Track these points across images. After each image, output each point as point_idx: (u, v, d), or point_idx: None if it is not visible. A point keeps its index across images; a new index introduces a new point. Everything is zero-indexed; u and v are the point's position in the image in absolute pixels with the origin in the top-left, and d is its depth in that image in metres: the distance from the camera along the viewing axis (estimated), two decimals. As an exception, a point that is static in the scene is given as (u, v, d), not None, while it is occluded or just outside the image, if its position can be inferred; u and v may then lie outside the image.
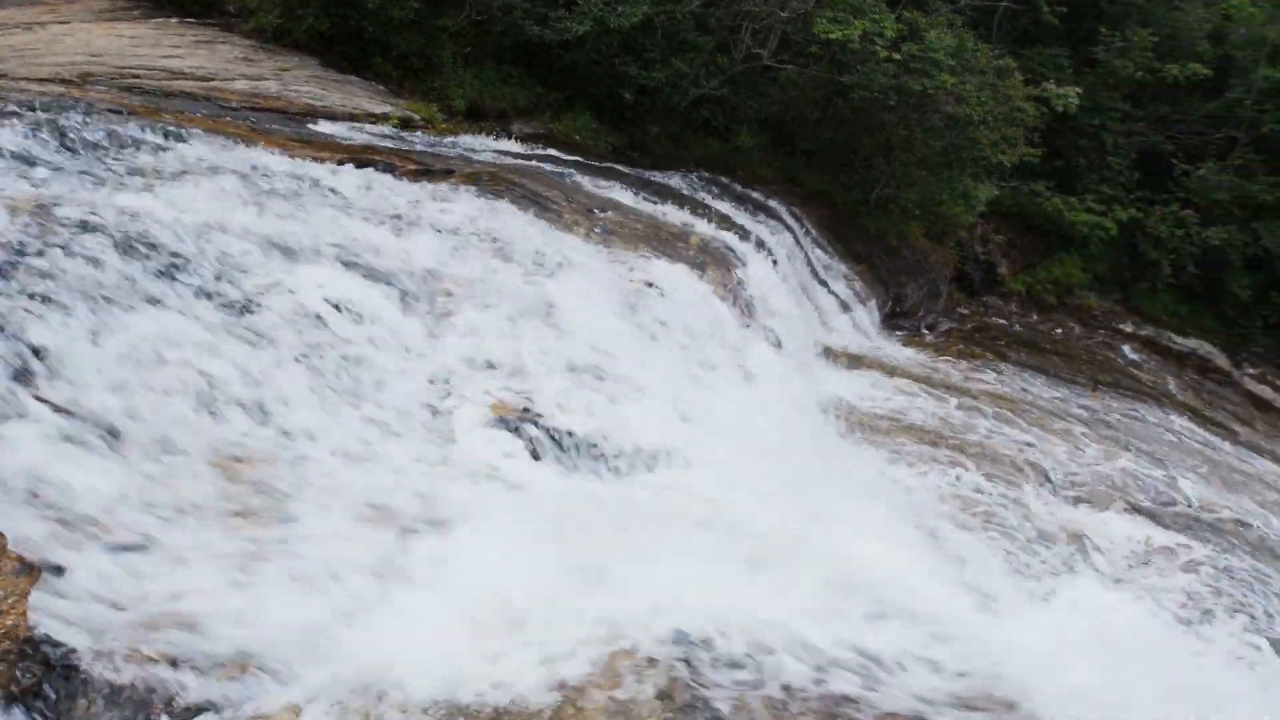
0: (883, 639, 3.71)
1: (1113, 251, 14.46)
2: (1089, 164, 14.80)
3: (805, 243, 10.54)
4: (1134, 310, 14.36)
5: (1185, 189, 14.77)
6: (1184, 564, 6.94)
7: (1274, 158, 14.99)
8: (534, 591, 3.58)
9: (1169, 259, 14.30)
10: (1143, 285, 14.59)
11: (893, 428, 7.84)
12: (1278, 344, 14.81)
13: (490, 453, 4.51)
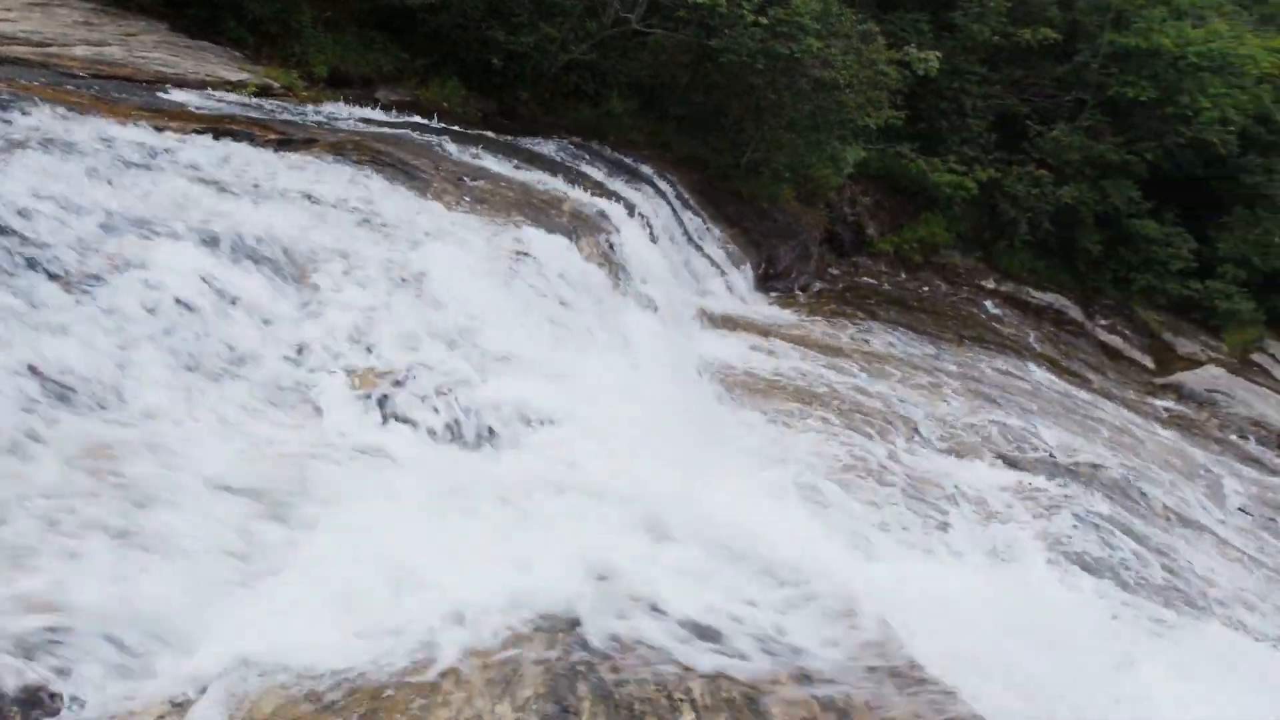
0: (763, 596, 3.78)
1: (974, 211, 14.97)
2: (950, 126, 15.25)
3: (678, 207, 10.59)
4: (995, 267, 14.91)
5: (1040, 150, 15.36)
6: (1046, 507, 7.27)
7: (1119, 120, 15.73)
8: (412, 565, 3.53)
9: (1026, 217, 14.88)
10: (1002, 243, 15.16)
11: (770, 388, 7.97)
12: (1125, 296, 15.61)
13: (361, 427, 4.40)
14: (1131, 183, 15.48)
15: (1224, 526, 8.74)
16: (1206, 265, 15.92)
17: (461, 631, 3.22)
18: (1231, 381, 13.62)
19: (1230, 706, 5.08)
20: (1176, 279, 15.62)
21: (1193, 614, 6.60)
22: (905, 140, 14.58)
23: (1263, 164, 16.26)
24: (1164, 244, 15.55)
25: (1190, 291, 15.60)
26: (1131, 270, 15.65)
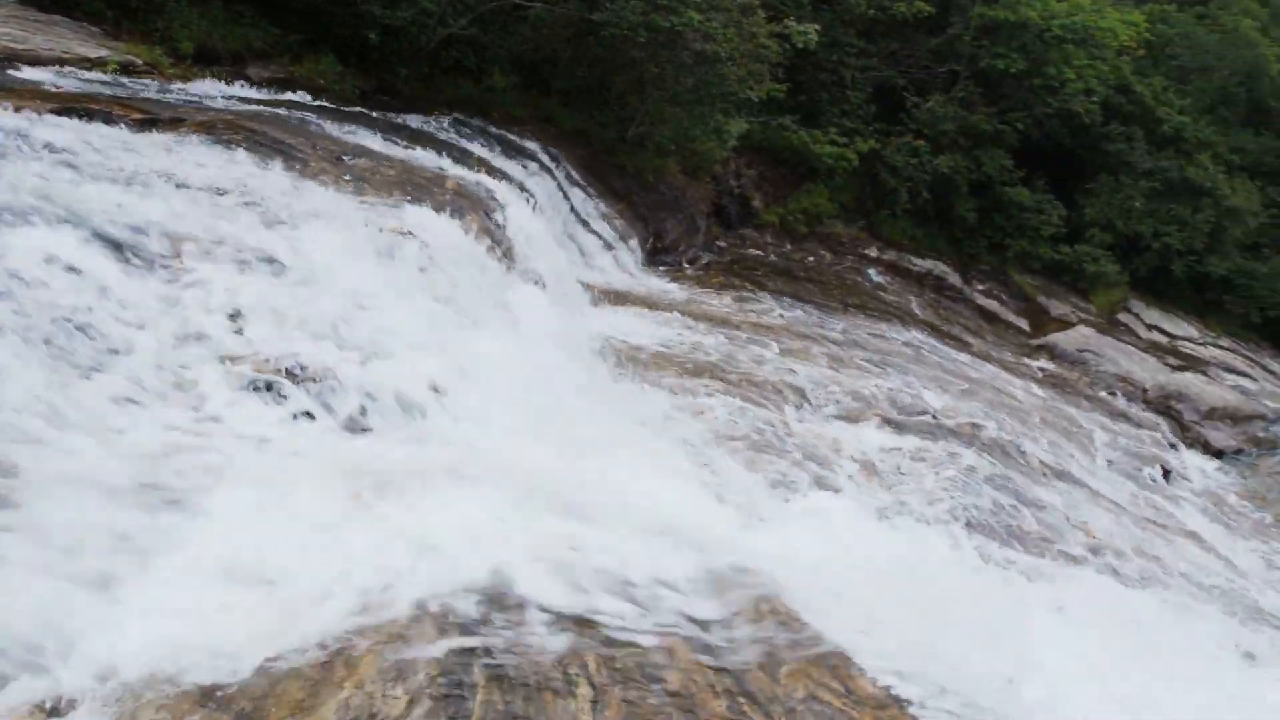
0: (657, 566, 3.82)
1: (856, 181, 15.27)
2: (831, 98, 15.50)
3: (564, 182, 10.54)
4: (877, 236, 15.26)
5: (917, 121, 15.74)
6: (930, 466, 7.50)
7: (991, 91, 16.22)
8: (299, 552, 3.46)
9: (906, 187, 15.25)
10: (884, 212, 15.51)
11: (660, 361, 8.02)
12: (1001, 262, 16.16)
13: (242, 415, 4.27)
14: (1004, 152, 15.99)
15: (1095, 479, 9.17)
16: (1075, 230, 16.58)
17: (352, 617, 3.18)
18: (1100, 341, 14.26)
19: (1105, 645, 5.35)
20: (1048, 244, 16.23)
21: (1069, 562, 6.92)
22: (787, 113, 14.77)
23: (1124, 133, 16.98)
24: (1035, 211, 16.13)
25: (1060, 256, 16.23)
26: (1006, 236, 16.21)
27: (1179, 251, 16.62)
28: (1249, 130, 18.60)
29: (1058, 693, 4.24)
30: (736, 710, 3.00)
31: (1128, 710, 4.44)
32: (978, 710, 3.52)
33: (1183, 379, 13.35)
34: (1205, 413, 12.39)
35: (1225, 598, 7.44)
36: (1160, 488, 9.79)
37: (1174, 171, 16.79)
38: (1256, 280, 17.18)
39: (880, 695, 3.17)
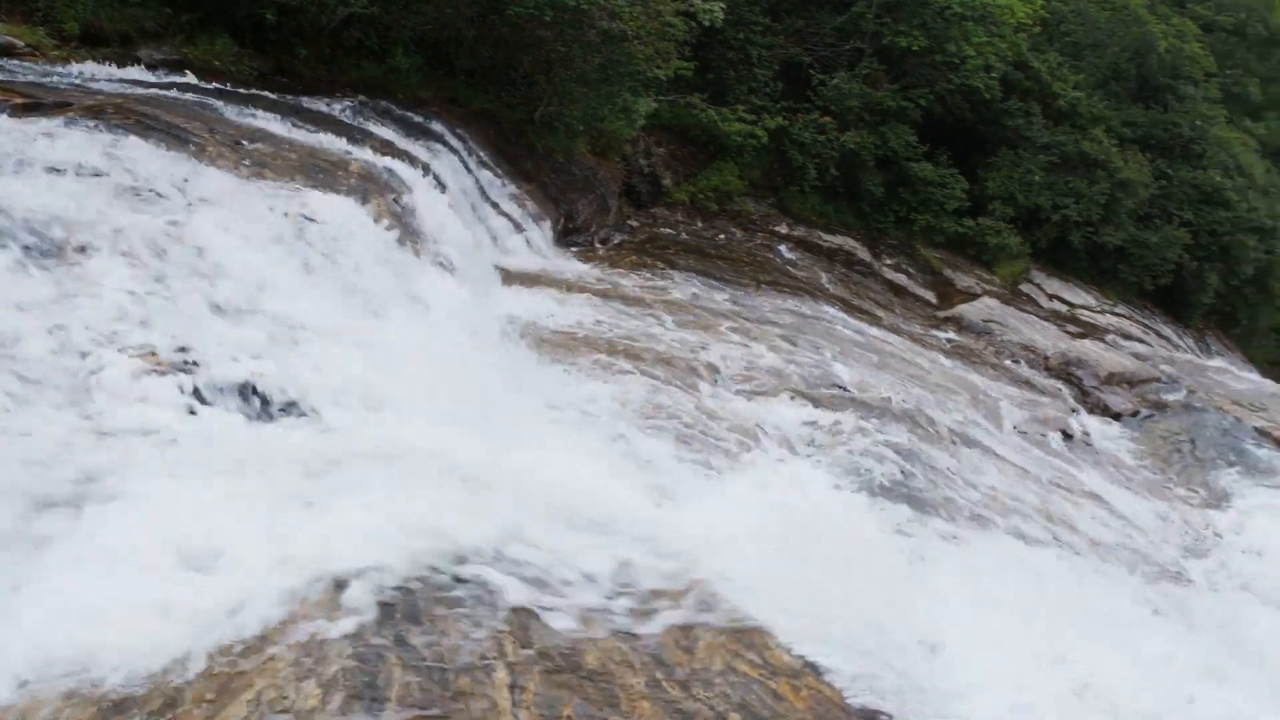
0: (573, 547, 3.81)
1: (765, 158, 15.40)
2: (738, 76, 15.58)
3: (472, 164, 10.41)
4: (787, 212, 15.42)
5: (823, 98, 15.92)
6: (843, 438, 7.61)
7: (894, 68, 16.49)
8: (207, 545, 3.38)
9: (814, 163, 15.42)
10: (793, 188, 15.68)
11: (575, 342, 8.00)
12: (908, 236, 16.49)
13: (144, 409, 4.15)
14: (908, 128, 16.28)
15: (1002, 444, 9.41)
16: (978, 203, 16.98)
17: (262, 610, 3.11)
18: (1004, 311, 14.64)
19: (1015, 604, 5.50)
20: (952, 218, 16.60)
21: (978, 526, 7.10)
22: (696, 91, 14.80)
23: (1022, 108, 17.42)
24: (940, 185, 16.47)
25: (964, 229, 16.61)
26: (912, 211, 16.52)
27: (1076, 223, 17.14)
28: (1139, 105, 19.24)
29: (970, 653, 4.35)
30: (655, 685, 3.02)
31: (1040, 667, 4.57)
32: (894, 674, 3.60)
33: (1082, 346, 13.79)
34: (1104, 378, 12.81)
35: (1127, 554, 7.71)
36: (1063, 451, 10.09)
37: (1070, 145, 17.30)
38: (1148, 249, 17.83)
39: (796, 664, 3.22)
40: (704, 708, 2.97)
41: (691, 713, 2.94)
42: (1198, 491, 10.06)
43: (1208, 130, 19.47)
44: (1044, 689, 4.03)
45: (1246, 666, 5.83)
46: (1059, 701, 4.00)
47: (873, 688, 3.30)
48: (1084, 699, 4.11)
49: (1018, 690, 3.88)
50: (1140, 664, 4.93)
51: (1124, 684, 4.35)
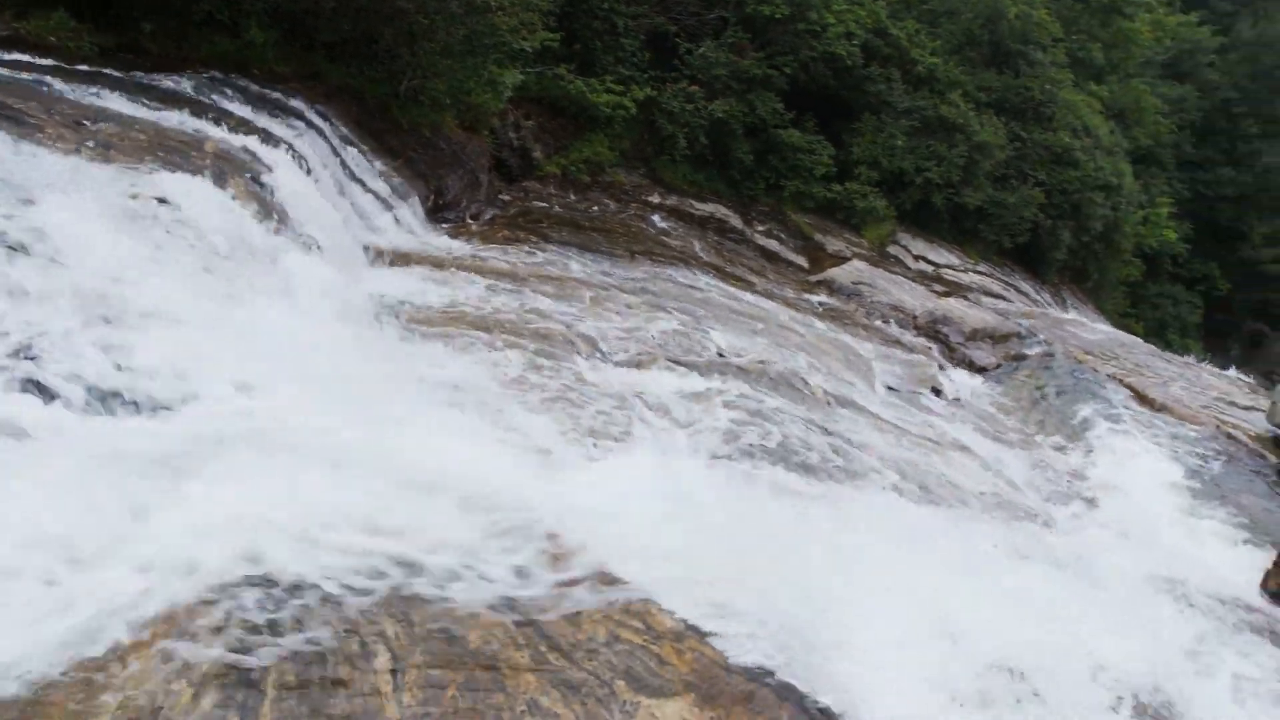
0: (454, 527, 3.76)
1: (635, 128, 15.39)
2: (605, 46, 15.51)
3: (336, 141, 10.11)
4: (658, 182, 15.47)
5: (691, 67, 15.98)
6: (721, 405, 7.71)
7: (759, 36, 16.66)
8: (65, 544, 3.22)
9: (683, 132, 15.50)
10: (664, 158, 15.73)
11: (449, 320, 7.88)
12: (778, 202, 16.74)
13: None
14: (774, 95, 16.49)
15: (875, 403, 9.67)
16: (844, 169, 17.35)
17: (128, 610, 2.98)
18: (873, 273, 15.03)
19: (894, 558, 5.67)
20: (820, 183, 16.92)
21: (855, 483, 7.29)
22: (563, 62, 14.68)
23: (883, 74, 17.83)
24: (807, 151, 16.77)
25: (833, 194, 16.97)
26: (781, 177, 16.78)
27: (938, 185, 17.69)
28: (992, 70, 19.91)
29: (850, 604, 4.46)
30: (540, 659, 3.01)
31: (914, 612, 4.73)
32: (776, 630, 3.67)
33: (948, 304, 14.27)
34: (969, 334, 13.29)
35: (995, 502, 8.03)
36: (933, 406, 10.44)
37: (930, 110, 17.81)
38: (1006, 209, 18.54)
39: (679, 628, 3.25)
40: (589, 676, 2.98)
41: (577, 683, 2.95)
42: (1058, 438, 10.55)
43: (1056, 94, 20.30)
44: (917, 631, 4.17)
45: (1098, 597, 6.15)
46: (931, 639, 4.15)
47: (755, 646, 3.36)
48: (956, 642, 4.27)
49: (893, 635, 4.01)
50: (1002, 601, 5.15)
51: (987, 620, 4.54)
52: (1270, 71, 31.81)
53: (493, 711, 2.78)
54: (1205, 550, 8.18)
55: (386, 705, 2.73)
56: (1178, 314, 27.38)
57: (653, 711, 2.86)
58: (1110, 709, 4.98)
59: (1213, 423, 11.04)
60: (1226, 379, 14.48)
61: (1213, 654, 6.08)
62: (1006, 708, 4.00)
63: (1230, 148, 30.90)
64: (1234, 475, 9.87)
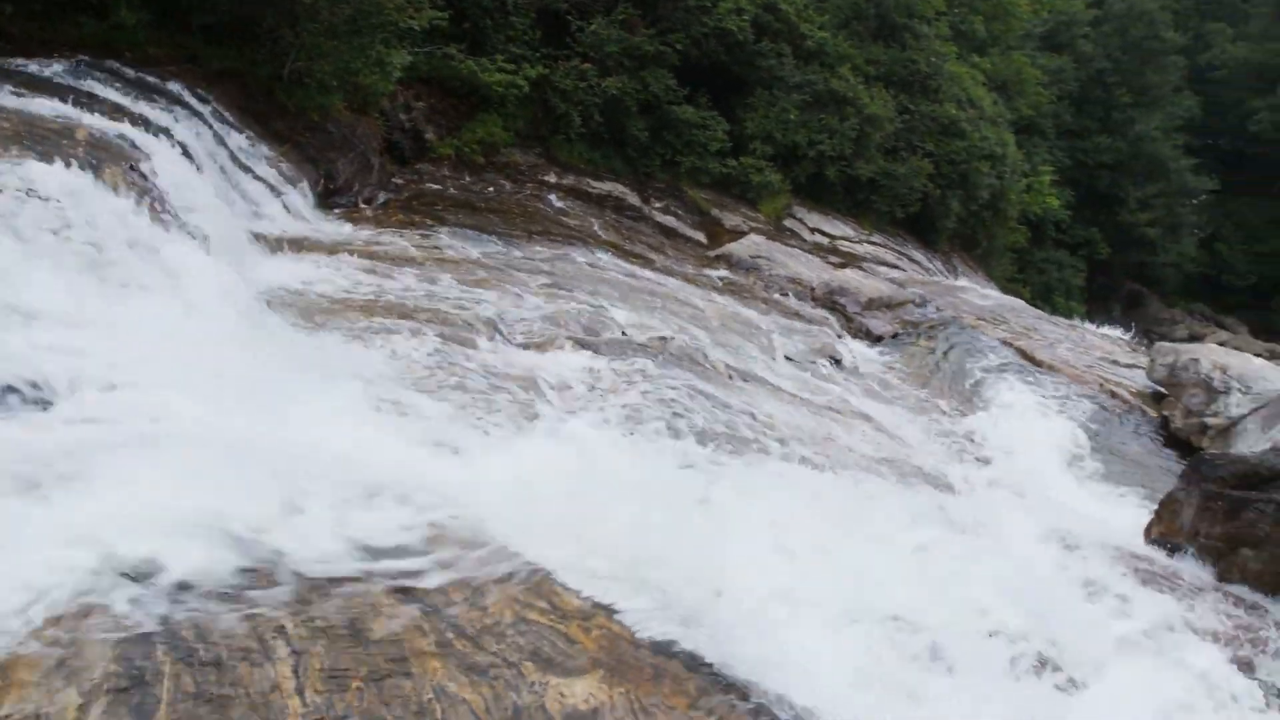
0: (353, 516, 3.70)
1: (528, 108, 15.25)
2: (495, 25, 15.30)
3: (218, 127, 9.78)
4: (554, 161, 15.36)
5: (582, 44, 15.88)
6: (626, 382, 7.72)
7: (650, 12, 16.62)
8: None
9: (578, 110, 15.41)
10: (559, 137, 15.62)
11: (345, 307, 7.72)
12: (675, 178, 16.80)
13: None
14: (667, 72, 16.50)
15: (776, 375, 9.81)
16: (739, 144, 17.48)
17: (11, 618, 2.86)
18: (770, 247, 15.21)
19: (798, 525, 5.77)
20: (715, 159, 17.02)
21: (759, 455, 7.39)
22: (453, 41, 14.43)
23: (774, 49, 17.99)
24: (702, 127, 16.84)
25: (728, 169, 17.09)
26: (677, 154, 16.82)
27: (831, 158, 17.96)
28: (879, 44, 20.26)
29: (756, 573, 4.53)
30: (446, 645, 2.98)
31: (825, 581, 4.82)
32: (684, 603, 3.70)
33: (844, 275, 14.53)
34: (865, 304, 13.56)
35: (896, 467, 8.23)
36: (833, 376, 10.63)
37: (820, 84, 18.05)
38: (897, 180, 18.94)
39: (586, 607, 3.26)
40: (496, 660, 2.97)
41: (484, 666, 2.92)
42: (953, 402, 10.86)
43: (941, 66, 20.77)
44: (821, 596, 4.25)
45: (994, 555, 6.36)
46: (834, 604, 4.24)
47: (663, 619, 3.38)
48: (859, 605, 4.37)
49: (798, 601, 4.08)
50: (902, 563, 5.28)
51: (888, 583, 4.66)
52: (1140, 43, 33.09)
53: (399, 701, 2.74)
54: (1093, 503, 8.52)
55: (289, 702, 2.67)
56: (1062, 278, 28.37)
57: (561, 691, 2.86)
58: (1008, 663, 5.16)
59: (1097, 381, 11.49)
60: (1109, 339, 15.08)
61: (1101, 603, 6.34)
62: (907, 668, 4.11)
63: (1106, 117, 32.06)
64: (1118, 430, 10.30)
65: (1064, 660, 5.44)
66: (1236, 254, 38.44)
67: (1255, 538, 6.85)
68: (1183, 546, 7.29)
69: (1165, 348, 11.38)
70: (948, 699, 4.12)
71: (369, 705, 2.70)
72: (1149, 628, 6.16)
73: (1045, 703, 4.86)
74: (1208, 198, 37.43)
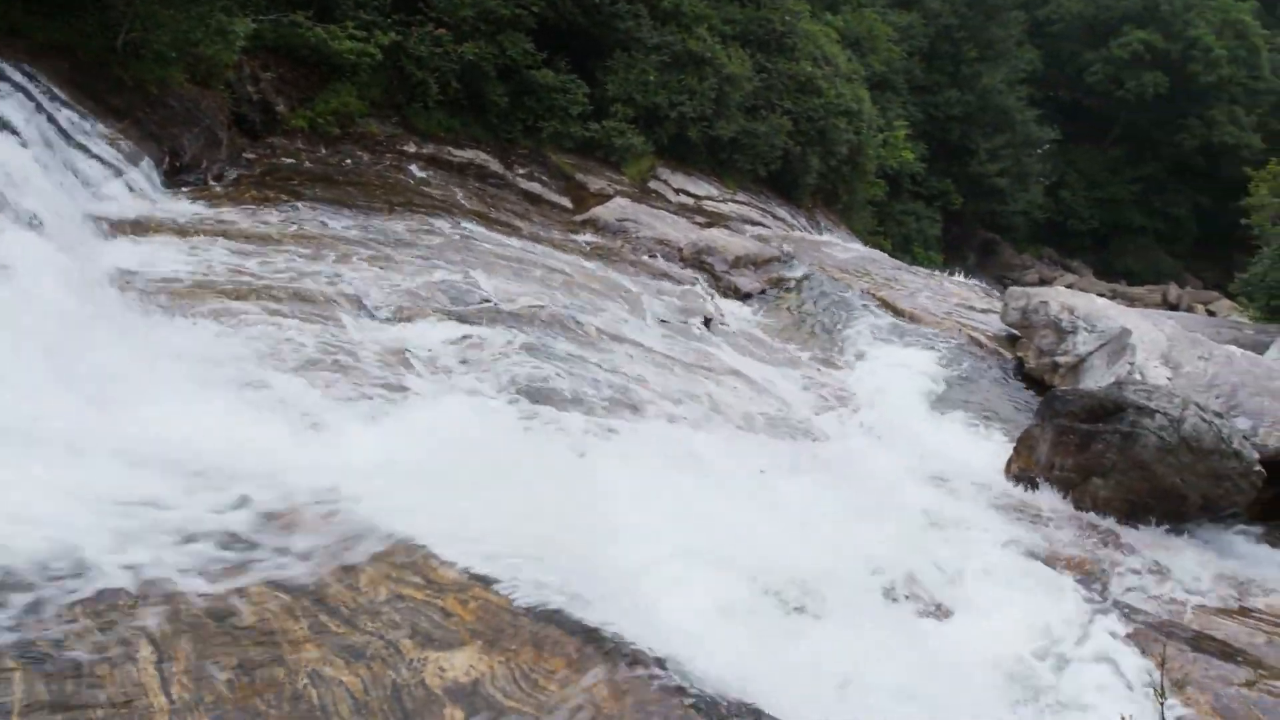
0: (213, 503, 3.56)
1: (383, 76, 14.79)
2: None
3: (48, 104, 9.19)
4: (413, 131, 14.97)
5: (436, 9, 15.47)
6: (496, 352, 7.65)
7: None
8: None
9: (434, 77, 15.03)
10: (416, 105, 15.21)
11: (198, 290, 7.40)
12: (537, 144, 16.60)
13: None
14: (524, 35, 16.24)
15: (648, 336, 9.86)
16: (600, 107, 17.37)
17: None
18: (636, 209, 15.21)
19: (674, 483, 5.84)
20: (577, 122, 16.88)
21: (633, 416, 7.43)
22: (299, 8, 13.88)
23: (630, 10, 17.90)
24: (562, 91, 16.66)
25: (590, 133, 16.98)
26: (538, 119, 16.62)
27: (692, 119, 18.03)
28: (735, 3, 20.37)
29: (633, 531, 4.56)
30: (319, 629, 2.91)
31: (703, 536, 4.89)
32: (561, 568, 3.70)
33: (710, 235, 14.65)
34: (732, 262, 13.71)
35: (769, 421, 8.39)
36: (704, 336, 10.74)
37: (678, 45, 18.06)
38: (758, 138, 19.17)
39: (462, 579, 3.22)
40: (373, 638, 2.91)
41: (360, 646, 2.86)
42: (822, 354, 11.12)
43: (796, 24, 21.03)
44: (700, 550, 4.31)
45: (864, 498, 6.58)
46: (713, 557, 4.30)
47: (540, 586, 3.37)
48: (737, 555, 4.45)
49: (677, 557, 4.12)
50: (779, 513, 5.41)
51: (765, 532, 4.75)
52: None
53: (272, 690, 2.66)
54: (957, 444, 8.87)
55: (154, 700, 2.56)
56: (920, 229, 29.28)
57: (440, 664, 2.83)
58: (880, 597, 5.36)
59: (956, 327, 11.92)
60: (965, 286, 15.66)
61: (966, 536, 6.64)
62: (784, 610, 4.21)
63: (955, 71, 33.06)
64: (978, 373, 10.72)
65: (932, 591, 5.68)
66: (1079, 200, 40.36)
67: (1104, 467, 7.26)
68: (1040, 479, 7.67)
69: (1017, 292, 11.87)
70: (824, 635, 4.25)
71: (241, 696, 2.62)
72: (1011, 556, 6.49)
73: (916, 632, 5.07)
74: (1051, 147, 39.12)
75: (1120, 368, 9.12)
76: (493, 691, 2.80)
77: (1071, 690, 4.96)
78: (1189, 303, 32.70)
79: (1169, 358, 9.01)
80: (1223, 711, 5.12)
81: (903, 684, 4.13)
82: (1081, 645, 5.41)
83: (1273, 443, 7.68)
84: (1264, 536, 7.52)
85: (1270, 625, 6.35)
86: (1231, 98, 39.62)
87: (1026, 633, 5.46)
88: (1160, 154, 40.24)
